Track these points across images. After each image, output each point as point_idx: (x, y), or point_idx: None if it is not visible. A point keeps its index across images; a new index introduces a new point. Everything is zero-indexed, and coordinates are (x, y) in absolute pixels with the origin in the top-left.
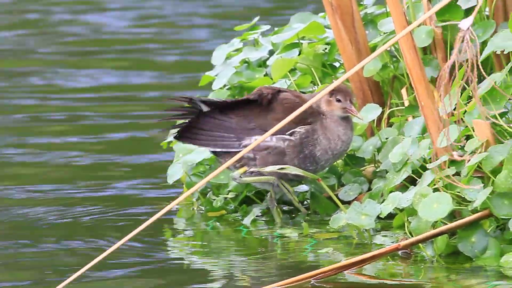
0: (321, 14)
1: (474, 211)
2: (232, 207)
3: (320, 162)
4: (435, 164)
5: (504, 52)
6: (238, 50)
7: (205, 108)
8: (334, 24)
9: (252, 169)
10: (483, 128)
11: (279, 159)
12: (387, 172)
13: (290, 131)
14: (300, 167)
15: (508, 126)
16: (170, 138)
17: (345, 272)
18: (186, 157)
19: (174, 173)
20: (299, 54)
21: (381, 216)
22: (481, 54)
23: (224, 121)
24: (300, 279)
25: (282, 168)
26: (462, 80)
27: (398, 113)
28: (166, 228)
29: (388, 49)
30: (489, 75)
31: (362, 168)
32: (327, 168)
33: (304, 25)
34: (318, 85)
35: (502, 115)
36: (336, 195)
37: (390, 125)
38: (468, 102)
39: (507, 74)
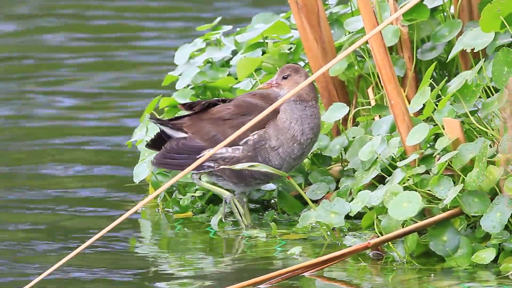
0: (283, 14)
1: (445, 209)
2: (199, 205)
3: (280, 167)
4: (406, 162)
5: (474, 51)
6: (201, 50)
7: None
8: (300, 23)
9: (222, 167)
10: (454, 126)
11: (239, 173)
12: (354, 171)
13: (244, 140)
14: (259, 177)
15: (478, 124)
16: (135, 138)
17: (311, 275)
18: (152, 156)
19: (140, 172)
20: (263, 54)
21: (350, 214)
22: (447, 53)
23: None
24: (268, 278)
25: (252, 166)
26: (430, 78)
27: (363, 113)
28: (131, 231)
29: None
30: (455, 74)
31: (328, 167)
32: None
33: (269, 25)
34: None
35: (471, 113)
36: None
37: (356, 124)
38: (437, 101)
39: (479, 71)
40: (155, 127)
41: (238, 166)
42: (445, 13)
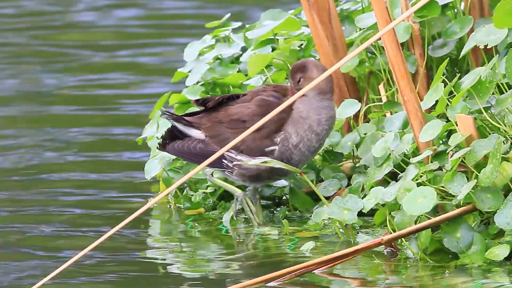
0: (291, 11)
1: (458, 205)
2: (211, 202)
3: (299, 164)
4: (419, 159)
5: (488, 47)
6: (210, 47)
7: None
8: (311, 20)
9: (235, 162)
10: (467, 122)
11: (255, 176)
12: (365, 167)
13: (270, 148)
14: (274, 176)
15: (492, 120)
16: (145, 134)
17: (323, 271)
18: (164, 152)
19: (151, 169)
20: (272, 50)
21: (363, 210)
22: (458, 49)
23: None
24: (280, 275)
25: (265, 162)
26: (442, 75)
27: (374, 109)
28: (142, 227)
29: (359, 44)
30: (466, 71)
31: (339, 164)
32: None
33: (279, 22)
34: None
35: (485, 109)
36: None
37: (367, 121)
38: (450, 97)
39: (491, 68)
40: (166, 123)
41: (251, 162)
42: (455, 10)
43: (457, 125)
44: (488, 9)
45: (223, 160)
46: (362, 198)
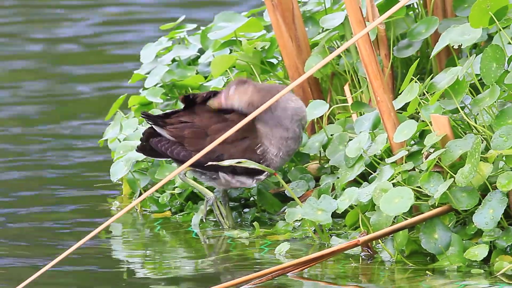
0: (244, 13)
1: (433, 206)
2: (178, 203)
3: (278, 165)
4: (395, 159)
5: (462, 47)
6: (167, 49)
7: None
8: (275, 20)
9: (209, 163)
10: (442, 122)
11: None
12: (331, 168)
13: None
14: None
15: (470, 120)
16: (107, 136)
17: (298, 274)
18: (130, 154)
19: (117, 171)
20: (230, 52)
21: (337, 211)
22: (420, 51)
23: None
24: (254, 277)
25: (239, 162)
26: (412, 75)
27: (338, 110)
28: (107, 233)
29: (327, 46)
30: (429, 72)
31: (305, 165)
32: None
33: (240, 23)
34: (258, 82)
35: (458, 110)
36: (283, 192)
37: (330, 121)
38: (421, 98)
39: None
40: (130, 124)
41: (226, 163)
42: (418, 10)
43: (431, 125)
44: (451, 9)
45: (219, 173)
46: (334, 199)
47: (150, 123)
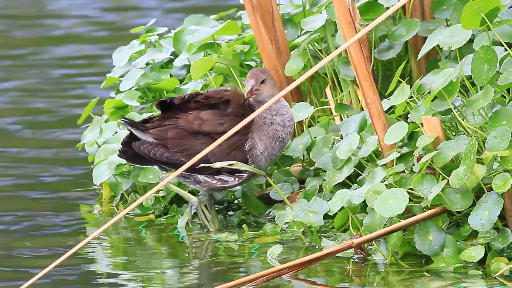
0: (213, 16)
1: (426, 207)
2: (162, 206)
3: (263, 166)
4: (386, 161)
5: (452, 49)
6: (139, 52)
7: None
8: (254, 23)
9: (201, 165)
10: (433, 124)
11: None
12: (316, 170)
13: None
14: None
15: (462, 122)
16: (85, 140)
17: (293, 276)
18: (112, 157)
19: (100, 174)
20: (204, 55)
21: (329, 213)
22: (403, 52)
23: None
24: (252, 279)
25: (230, 165)
26: (399, 77)
27: (319, 113)
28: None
29: (307, 48)
30: (409, 74)
31: (288, 168)
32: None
33: (219, 26)
34: (238, 84)
35: (448, 112)
36: (267, 195)
37: (309, 124)
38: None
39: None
40: (109, 127)
41: (217, 165)
42: (397, 12)
43: (422, 126)
44: (429, 11)
45: (197, 176)
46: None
47: (131, 129)
